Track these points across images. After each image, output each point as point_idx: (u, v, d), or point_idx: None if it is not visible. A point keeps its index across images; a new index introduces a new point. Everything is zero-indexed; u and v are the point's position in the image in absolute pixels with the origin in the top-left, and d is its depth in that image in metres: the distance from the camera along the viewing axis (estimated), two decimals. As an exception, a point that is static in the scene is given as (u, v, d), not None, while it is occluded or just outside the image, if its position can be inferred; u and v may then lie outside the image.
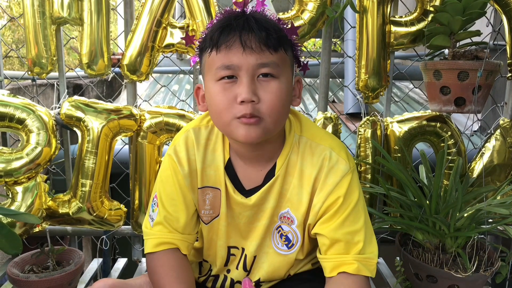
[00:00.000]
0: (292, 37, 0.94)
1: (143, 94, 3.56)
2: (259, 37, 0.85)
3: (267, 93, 0.87)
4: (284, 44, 0.90)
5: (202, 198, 1.04)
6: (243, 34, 0.85)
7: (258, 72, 0.86)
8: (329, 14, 1.44)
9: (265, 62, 0.86)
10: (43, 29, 1.48)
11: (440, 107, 1.39)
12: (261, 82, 0.87)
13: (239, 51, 0.85)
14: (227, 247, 1.06)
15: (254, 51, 0.85)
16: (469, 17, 1.30)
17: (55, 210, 1.52)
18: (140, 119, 1.52)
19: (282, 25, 0.92)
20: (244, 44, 0.85)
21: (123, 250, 2.00)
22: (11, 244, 1.15)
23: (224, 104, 0.87)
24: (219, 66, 0.87)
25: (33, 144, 1.45)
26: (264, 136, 0.89)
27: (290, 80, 0.92)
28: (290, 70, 0.93)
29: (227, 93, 0.87)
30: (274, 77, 0.88)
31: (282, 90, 0.88)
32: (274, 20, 0.92)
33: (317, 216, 0.98)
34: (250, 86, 0.85)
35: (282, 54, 0.89)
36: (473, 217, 1.28)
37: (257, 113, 0.86)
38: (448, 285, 1.23)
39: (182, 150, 1.02)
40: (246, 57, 0.85)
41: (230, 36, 0.85)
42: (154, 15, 1.47)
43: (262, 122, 0.87)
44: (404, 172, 1.37)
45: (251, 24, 0.85)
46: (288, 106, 0.93)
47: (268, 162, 1.00)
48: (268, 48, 0.86)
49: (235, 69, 0.86)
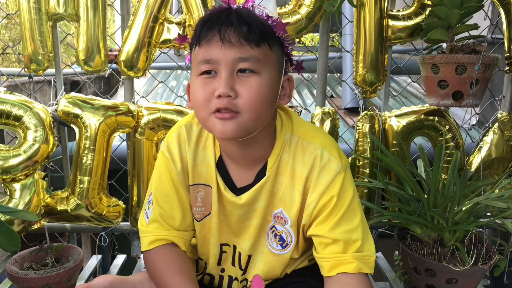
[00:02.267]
0: (280, 35, 0.91)
1: (140, 90, 3.55)
2: (239, 31, 0.84)
3: (245, 88, 0.85)
4: (269, 40, 0.88)
5: (193, 196, 1.03)
6: (222, 28, 0.84)
7: (237, 66, 0.85)
8: (327, 8, 1.44)
9: (244, 56, 0.85)
10: (39, 25, 1.47)
11: (438, 101, 1.39)
12: (240, 77, 0.86)
13: (218, 45, 0.84)
14: (219, 244, 1.06)
15: (233, 45, 0.84)
16: (467, 10, 1.30)
17: (53, 207, 1.52)
18: (138, 115, 1.52)
19: (271, 22, 0.90)
20: (223, 38, 0.84)
21: (122, 247, 2.00)
22: (10, 241, 1.14)
23: (203, 99, 0.87)
24: (200, 60, 0.87)
25: (30, 141, 1.44)
26: (241, 132, 0.87)
27: (275, 77, 0.90)
28: (275, 67, 0.90)
29: (206, 87, 0.86)
30: (254, 72, 0.86)
31: (262, 86, 0.86)
32: (263, 16, 0.90)
33: (311, 217, 0.97)
34: (228, 81, 0.84)
35: (265, 50, 0.87)
36: (471, 210, 1.28)
37: (234, 107, 0.85)
38: (446, 279, 1.23)
39: (174, 147, 1.02)
40: (225, 51, 0.84)
41: (210, 31, 0.85)
42: (150, 11, 1.46)
43: (239, 117, 0.85)
44: (402, 167, 1.37)
45: (232, 18, 0.85)
46: (271, 103, 0.90)
47: (259, 161, 0.99)
48: (248, 43, 0.85)
49: (214, 63, 0.85)
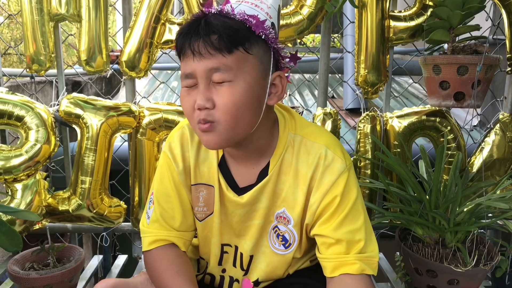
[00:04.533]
0: (262, 33, 0.87)
1: (142, 90, 3.55)
2: (206, 41, 0.83)
3: (219, 97, 0.85)
4: (245, 43, 0.85)
5: (195, 195, 1.03)
6: (192, 41, 0.84)
7: (212, 77, 0.85)
8: (328, 9, 1.44)
9: (215, 66, 0.84)
10: (41, 26, 1.48)
11: (440, 102, 1.39)
12: (216, 87, 0.85)
13: (190, 58, 0.85)
14: (220, 244, 1.06)
15: (203, 56, 0.84)
16: (469, 11, 1.30)
17: (55, 207, 1.52)
18: (139, 115, 1.52)
19: (251, 22, 0.86)
20: (193, 49, 0.84)
21: (123, 247, 2.00)
22: (11, 241, 1.15)
23: (188, 110, 0.88)
24: (182, 74, 0.88)
25: (32, 141, 1.45)
26: (225, 142, 0.88)
27: (257, 78, 0.88)
28: (256, 69, 0.87)
29: (189, 98, 0.88)
30: (228, 81, 0.85)
31: (235, 93, 0.85)
32: (242, 17, 0.86)
33: (314, 216, 0.97)
34: (204, 93, 0.85)
35: (240, 55, 0.85)
36: (473, 211, 1.28)
37: (211, 118, 0.85)
38: (448, 280, 1.23)
39: (176, 147, 1.02)
40: (198, 63, 0.84)
41: (183, 44, 0.86)
42: (152, 11, 1.46)
43: (217, 127, 0.86)
44: (404, 167, 1.37)
45: (200, 29, 0.84)
46: (252, 107, 0.88)
47: (261, 160, 0.98)
48: (219, 51, 0.83)
49: (193, 76, 0.86)
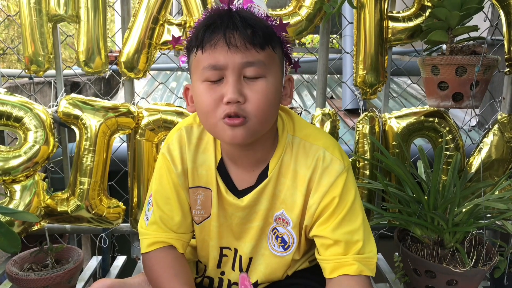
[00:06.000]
0: (281, 34, 0.91)
1: (140, 91, 3.55)
2: (244, 35, 0.82)
3: (253, 92, 0.84)
4: (272, 42, 0.86)
5: (193, 198, 1.03)
6: (227, 32, 0.82)
7: (244, 71, 0.84)
8: (327, 10, 1.44)
9: (251, 60, 0.83)
10: (39, 27, 1.48)
11: (438, 103, 1.39)
12: (247, 81, 0.85)
13: (224, 50, 0.82)
14: (219, 247, 1.06)
15: (239, 49, 0.82)
16: (467, 12, 1.30)
17: (53, 208, 1.52)
18: (138, 116, 1.52)
19: (271, 22, 0.89)
20: (229, 42, 0.82)
21: (122, 248, 2.00)
22: (10, 242, 1.15)
23: (210, 105, 0.85)
24: (206, 66, 0.84)
25: (30, 142, 1.45)
26: (251, 137, 0.87)
27: (279, 78, 0.90)
28: (279, 69, 0.90)
29: (213, 93, 0.85)
30: (261, 76, 0.85)
31: (269, 90, 0.86)
32: (262, 17, 0.88)
33: (313, 218, 0.97)
34: (236, 86, 0.83)
35: (270, 52, 0.86)
36: (471, 212, 1.28)
37: (243, 112, 0.84)
38: (446, 280, 1.23)
39: (175, 148, 1.01)
40: (232, 56, 0.82)
41: (214, 35, 0.83)
42: (151, 12, 1.46)
43: (248, 123, 0.85)
44: (402, 168, 1.37)
45: (236, 21, 0.82)
46: (276, 105, 0.90)
47: (260, 163, 0.98)
48: (254, 46, 0.83)
49: (221, 68, 0.83)
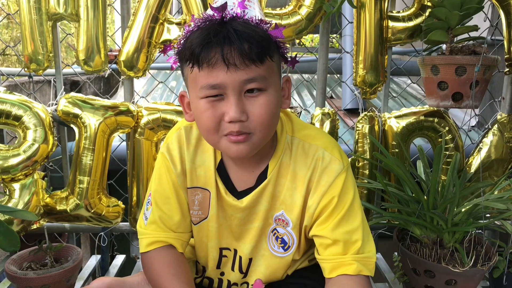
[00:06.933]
0: (279, 38, 0.88)
1: (140, 90, 3.55)
2: (242, 51, 0.79)
3: (255, 108, 0.83)
4: (270, 51, 0.84)
5: (191, 199, 1.03)
6: (224, 50, 0.79)
7: (245, 88, 0.82)
8: (327, 9, 1.44)
9: (251, 77, 0.81)
10: (39, 25, 1.48)
11: (438, 102, 1.39)
12: (248, 98, 0.83)
13: (223, 70, 0.80)
14: (219, 248, 1.05)
15: (238, 68, 0.80)
16: (467, 12, 1.30)
17: (52, 207, 1.52)
18: (138, 115, 1.52)
19: (265, 25, 0.86)
20: (227, 62, 0.79)
21: (121, 247, 2.00)
22: (9, 241, 1.14)
23: (212, 123, 0.84)
24: (204, 85, 0.82)
25: (30, 141, 1.44)
26: (255, 150, 0.88)
27: (278, 86, 0.89)
28: (278, 76, 0.89)
29: (214, 110, 0.83)
30: (262, 91, 0.84)
31: (271, 102, 0.85)
32: (256, 23, 0.85)
33: (312, 218, 0.97)
34: (238, 105, 0.82)
35: (269, 63, 0.84)
36: (471, 212, 1.28)
37: (246, 129, 0.83)
38: (445, 280, 1.23)
39: (175, 148, 1.01)
40: (231, 75, 0.80)
41: (211, 54, 0.80)
42: (150, 11, 1.46)
43: (252, 138, 0.85)
44: (402, 168, 1.37)
45: (232, 38, 0.79)
46: (278, 114, 0.89)
47: (260, 164, 0.98)
48: (253, 62, 0.81)
49: (221, 87, 0.82)
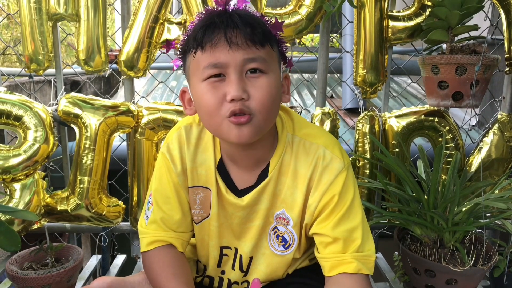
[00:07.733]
0: (276, 33, 0.92)
1: (140, 90, 3.55)
2: (244, 32, 0.82)
3: (256, 88, 0.84)
4: (270, 40, 0.88)
5: (192, 198, 1.03)
6: (227, 31, 0.82)
7: (246, 68, 0.84)
8: (327, 9, 1.44)
9: (252, 57, 0.84)
10: (39, 25, 1.48)
11: (438, 102, 1.39)
12: (249, 78, 0.85)
13: (225, 48, 0.82)
14: (219, 247, 1.06)
15: (240, 47, 0.83)
16: (467, 11, 1.30)
17: (53, 207, 1.52)
18: (138, 115, 1.52)
19: (266, 21, 0.90)
20: (229, 40, 0.82)
21: (122, 247, 2.00)
22: (10, 241, 1.14)
23: (214, 104, 0.85)
24: (206, 65, 0.84)
25: (30, 141, 1.44)
26: (256, 135, 0.87)
27: (279, 76, 0.91)
28: (278, 66, 0.91)
29: (216, 91, 0.84)
30: (263, 72, 0.85)
31: (271, 85, 0.86)
32: (258, 16, 0.89)
33: (313, 216, 0.97)
34: (239, 83, 0.83)
35: (269, 50, 0.87)
36: (471, 211, 1.29)
37: (247, 109, 0.84)
38: (446, 279, 1.23)
39: (175, 148, 1.01)
40: (233, 54, 0.83)
41: (214, 34, 0.83)
42: (151, 11, 1.46)
43: (253, 120, 0.85)
44: (402, 167, 1.37)
45: (235, 20, 0.83)
46: (278, 102, 0.91)
47: (261, 162, 0.98)
48: (254, 44, 0.84)
49: (223, 67, 0.83)
